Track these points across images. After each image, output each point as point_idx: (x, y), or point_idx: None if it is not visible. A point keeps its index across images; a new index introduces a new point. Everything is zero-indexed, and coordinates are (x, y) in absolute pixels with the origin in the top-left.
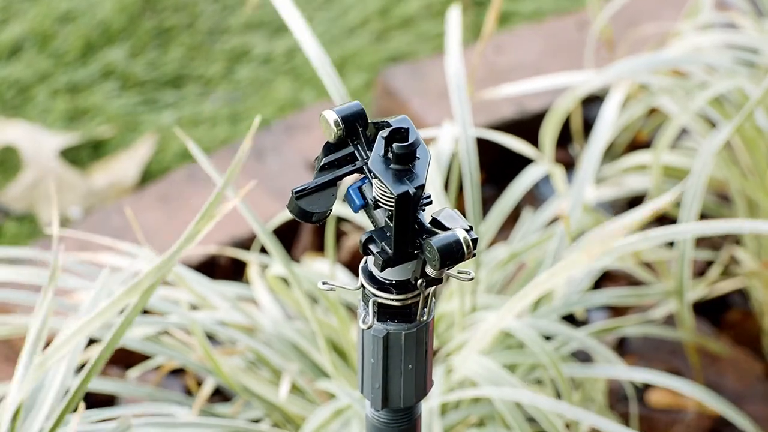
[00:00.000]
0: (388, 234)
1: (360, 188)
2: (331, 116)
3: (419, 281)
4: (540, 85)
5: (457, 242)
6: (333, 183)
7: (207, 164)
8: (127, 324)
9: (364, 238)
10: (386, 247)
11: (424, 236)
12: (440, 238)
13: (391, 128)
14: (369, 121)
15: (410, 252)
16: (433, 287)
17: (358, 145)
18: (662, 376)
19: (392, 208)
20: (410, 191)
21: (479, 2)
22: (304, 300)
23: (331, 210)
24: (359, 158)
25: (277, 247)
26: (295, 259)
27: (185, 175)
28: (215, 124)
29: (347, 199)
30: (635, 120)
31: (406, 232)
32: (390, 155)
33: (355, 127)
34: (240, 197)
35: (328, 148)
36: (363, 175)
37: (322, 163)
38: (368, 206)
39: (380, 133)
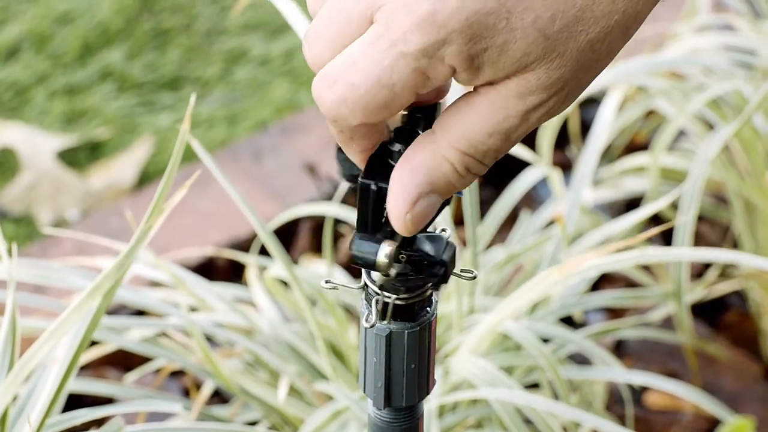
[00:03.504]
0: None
1: None
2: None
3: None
4: None
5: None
6: None
7: (211, 164)
8: (93, 327)
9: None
10: None
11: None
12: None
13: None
14: None
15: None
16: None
17: None
18: (659, 379)
19: None
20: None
21: None
22: (304, 302)
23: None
24: None
25: (278, 248)
26: (293, 260)
27: (183, 176)
28: (213, 126)
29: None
30: (633, 122)
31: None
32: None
33: None
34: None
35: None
36: None
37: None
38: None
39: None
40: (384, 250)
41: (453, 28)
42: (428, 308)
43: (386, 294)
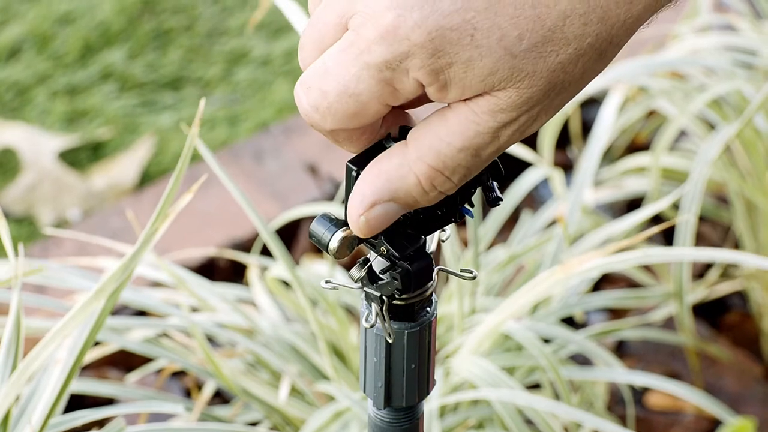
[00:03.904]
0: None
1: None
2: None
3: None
4: None
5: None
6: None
7: (214, 163)
8: (97, 329)
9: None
10: None
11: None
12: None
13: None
14: None
15: None
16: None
17: None
18: (661, 380)
19: None
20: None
21: None
22: (305, 302)
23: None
24: None
25: (281, 248)
26: (294, 261)
27: (184, 178)
28: (214, 126)
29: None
30: (634, 122)
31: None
32: None
33: None
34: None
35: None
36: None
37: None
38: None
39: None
40: (338, 236)
41: (415, 41)
42: (428, 308)
43: (373, 293)
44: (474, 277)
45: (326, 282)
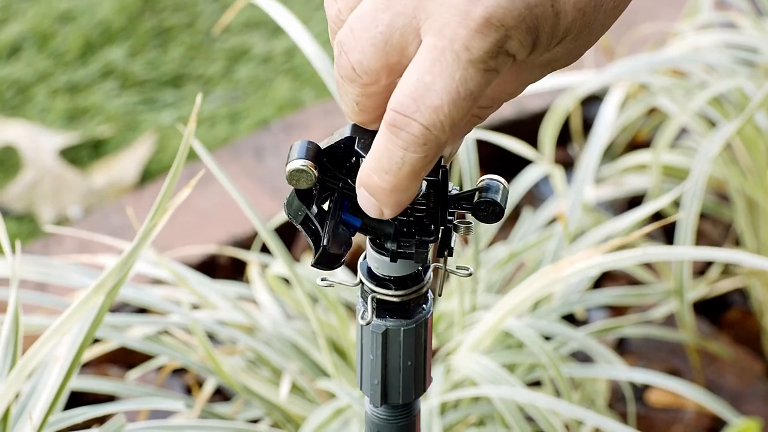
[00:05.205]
0: (407, 229)
1: (348, 210)
2: (303, 163)
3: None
4: (539, 85)
5: (505, 188)
6: (339, 220)
7: (211, 162)
8: (96, 325)
9: (393, 246)
10: (419, 238)
11: (455, 205)
12: (490, 191)
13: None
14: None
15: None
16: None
17: (327, 175)
18: (662, 377)
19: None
20: (439, 175)
21: None
22: (305, 299)
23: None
24: (336, 185)
25: (280, 246)
26: (295, 258)
27: (185, 175)
28: (215, 124)
29: (346, 225)
30: (635, 120)
31: (444, 215)
32: None
33: (322, 162)
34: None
35: (307, 196)
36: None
37: (316, 211)
38: (366, 218)
39: (355, 146)
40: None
41: (509, 25)
42: (424, 305)
43: (382, 290)
44: (470, 274)
45: (322, 279)
